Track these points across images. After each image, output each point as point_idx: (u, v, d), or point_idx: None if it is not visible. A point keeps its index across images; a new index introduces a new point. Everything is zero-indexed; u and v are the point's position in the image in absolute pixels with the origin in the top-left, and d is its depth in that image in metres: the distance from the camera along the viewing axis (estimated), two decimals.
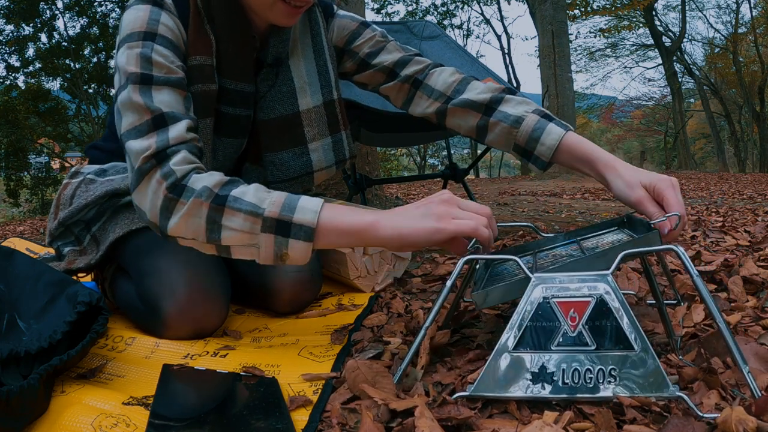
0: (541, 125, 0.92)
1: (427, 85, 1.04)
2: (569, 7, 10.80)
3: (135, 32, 0.83)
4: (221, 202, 0.73)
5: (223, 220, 0.73)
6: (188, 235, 0.75)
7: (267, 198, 0.74)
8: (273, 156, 1.03)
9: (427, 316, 0.71)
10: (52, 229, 1.05)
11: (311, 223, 0.72)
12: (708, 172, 11.04)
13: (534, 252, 0.94)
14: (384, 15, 14.44)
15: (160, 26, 0.84)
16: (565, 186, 6.21)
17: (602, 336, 0.62)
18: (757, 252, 1.29)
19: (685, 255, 0.65)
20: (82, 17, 11.75)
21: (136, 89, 0.80)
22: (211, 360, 0.84)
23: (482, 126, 0.99)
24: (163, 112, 0.79)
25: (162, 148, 0.76)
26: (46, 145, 12.09)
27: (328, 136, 1.06)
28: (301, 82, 1.01)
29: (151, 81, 0.81)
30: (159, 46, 0.83)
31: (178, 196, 0.75)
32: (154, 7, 0.85)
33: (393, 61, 1.05)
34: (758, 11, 15.18)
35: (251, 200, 0.73)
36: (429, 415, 0.58)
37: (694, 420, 0.55)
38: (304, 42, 1.02)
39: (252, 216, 0.72)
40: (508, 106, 0.97)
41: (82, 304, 0.76)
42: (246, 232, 0.73)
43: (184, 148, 0.78)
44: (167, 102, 0.80)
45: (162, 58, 0.82)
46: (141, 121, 0.79)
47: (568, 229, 2.12)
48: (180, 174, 0.75)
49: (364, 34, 1.07)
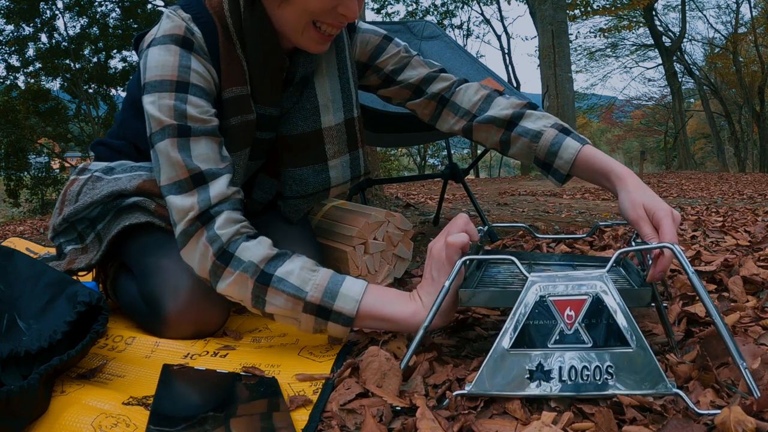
0: (558, 140, 0.95)
1: (453, 103, 1.07)
2: (569, 7, 10.80)
3: (166, 81, 0.82)
4: (266, 281, 0.78)
5: (267, 296, 0.78)
6: (236, 297, 0.82)
7: (311, 280, 0.78)
8: (293, 172, 1.04)
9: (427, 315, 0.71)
10: (56, 225, 1.04)
11: (351, 312, 0.77)
12: (708, 172, 11.04)
13: (530, 262, 0.97)
14: (384, 15, 14.43)
15: (192, 74, 0.84)
16: (565, 186, 6.21)
17: (599, 334, 0.62)
18: (757, 252, 1.29)
19: (682, 253, 0.65)
20: (82, 17, 11.73)
21: (174, 144, 0.81)
22: (211, 360, 0.84)
23: (505, 141, 1.03)
24: (202, 171, 0.81)
25: (205, 209, 0.80)
26: (46, 145, 12.08)
27: (347, 153, 1.07)
28: (325, 100, 1.02)
29: (189, 133, 0.82)
30: (193, 96, 0.83)
31: (225, 264, 0.79)
32: (184, 50, 0.84)
33: (419, 78, 1.08)
34: (758, 11, 15.18)
35: (295, 282, 0.77)
36: (430, 416, 0.58)
37: (693, 421, 0.56)
38: (329, 59, 1.03)
39: (294, 298, 0.77)
40: (529, 121, 1.00)
41: (82, 304, 0.76)
42: (289, 309, 0.78)
43: (226, 207, 0.81)
44: (205, 155, 0.83)
45: (196, 110, 0.83)
46: (180, 178, 0.82)
47: (568, 230, 2.12)
48: (225, 239, 0.79)
49: (388, 50, 1.09)
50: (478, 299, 0.73)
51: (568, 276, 0.65)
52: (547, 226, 2.27)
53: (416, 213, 2.87)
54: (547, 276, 0.65)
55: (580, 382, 0.61)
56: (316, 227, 1.29)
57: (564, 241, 1.53)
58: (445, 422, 0.59)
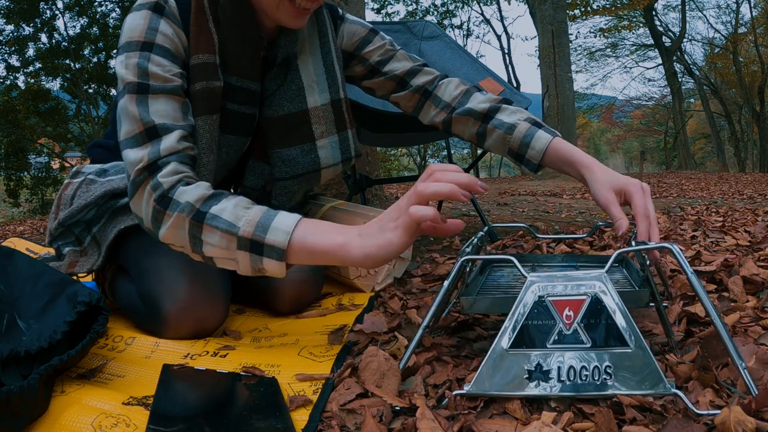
0: (531, 132, 1.00)
1: (436, 96, 1.11)
2: (569, 7, 10.80)
3: (133, 41, 0.85)
4: (200, 219, 0.77)
5: (203, 235, 0.77)
6: (177, 243, 0.81)
7: (243, 216, 0.76)
8: (281, 152, 1.05)
9: (426, 314, 0.71)
10: (52, 229, 1.05)
11: (282, 244, 0.74)
12: (708, 172, 11.04)
13: (533, 264, 0.97)
14: (384, 15, 14.43)
15: (158, 35, 0.86)
16: (565, 186, 6.21)
17: (598, 334, 0.62)
18: (757, 252, 1.29)
19: (680, 253, 0.65)
20: (82, 17, 11.73)
21: (132, 99, 0.83)
22: (211, 360, 0.84)
23: (481, 132, 1.07)
24: (156, 124, 0.83)
25: (153, 160, 0.81)
26: (46, 145, 12.08)
27: (335, 133, 1.08)
28: (310, 81, 1.04)
29: (148, 90, 0.84)
30: (156, 56, 0.85)
31: (164, 208, 0.79)
32: (154, 14, 0.87)
33: (404, 70, 1.12)
34: (758, 11, 15.18)
35: (228, 218, 0.76)
36: (430, 416, 0.58)
37: (693, 421, 0.56)
38: (312, 42, 1.05)
39: (228, 234, 0.75)
40: (504, 114, 1.05)
41: (82, 304, 0.76)
42: (224, 248, 0.76)
43: (174, 159, 0.82)
44: (162, 111, 0.84)
45: (159, 68, 0.85)
46: (136, 132, 0.83)
47: (568, 230, 2.12)
48: (167, 186, 0.79)
49: (374, 42, 1.12)
50: (480, 306, 0.73)
51: (566, 276, 0.65)
52: (547, 226, 2.27)
53: None
54: (545, 276, 0.65)
55: (579, 383, 0.61)
56: None
57: (564, 241, 1.53)
58: (445, 422, 0.59)
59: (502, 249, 1.60)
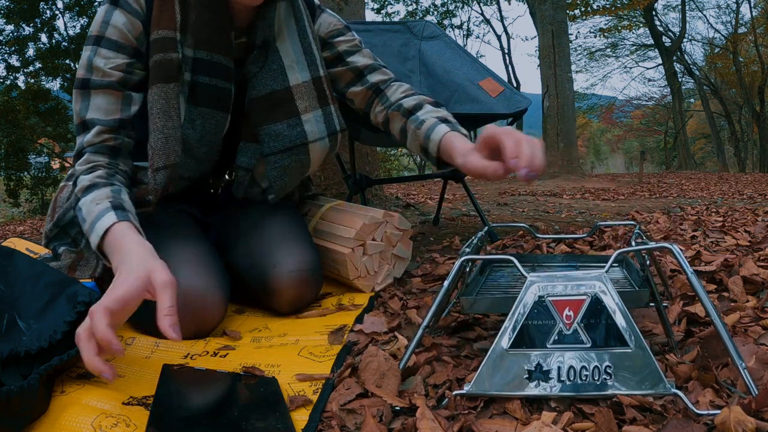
0: (433, 125, 1.02)
1: (384, 95, 1.17)
2: (569, 7, 10.79)
3: (91, 36, 0.95)
4: (78, 209, 0.89)
5: (83, 226, 0.86)
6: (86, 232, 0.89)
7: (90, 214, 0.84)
8: (268, 128, 1.11)
9: (426, 314, 0.71)
10: (47, 231, 1.06)
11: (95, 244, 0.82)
12: (708, 172, 11.04)
13: (533, 265, 0.97)
14: (384, 15, 14.42)
15: (109, 28, 0.94)
16: (565, 186, 6.21)
17: (598, 334, 0.62)
18: (757, 252, 1.29)
19: (680, 253, 0.65)
20: (82, 17, 11.73)
21: (78, 94, 0.95)
22: (211, 360, 0.84)
23: (403, 129, 1.11)
24: (86, 119, 0.94)
25: (79, 150, 0.95)
26: (46, 145, 12.07)
27: (319, 108, 1.14)
28: (290, 61, 1.10)
29: (89, 85, 0.94)
30: (103, 48, 0.94)
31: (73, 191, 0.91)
32: (111, 6, 0.95)
33: (365, 65, 1.18)
34: (758, 11, 15.17)
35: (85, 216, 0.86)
36: (430, 416, 0.58)
37: (693, 421, 0.56)
38: (290, 26, 1.11)
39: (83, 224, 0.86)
40: (422, 112, 1.08)
41: (82, 304, 0.76)
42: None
43: (89, 150, 0.94)
44: (98, 105, 0.94)
45: (103, 62, 0.94)
46: (77, 124, 0.96)
47: (568, 230, 2.12)
48: (77, 174, 0.92)
49: (346, 35, 1.20)
50: (480, 306, 0.73)
51: (566, 276, 0.65)
52: (547, 226, 2.27)
53: (416, 213, 2.87)
54: (545, 276, 0.65)
55: (579, 383, 0.61)
56: (314, 229, 1.28)
57: (564, 241, 1.53)
58: (445, 422, 0.59)
59: (502, 249, 1.60)
